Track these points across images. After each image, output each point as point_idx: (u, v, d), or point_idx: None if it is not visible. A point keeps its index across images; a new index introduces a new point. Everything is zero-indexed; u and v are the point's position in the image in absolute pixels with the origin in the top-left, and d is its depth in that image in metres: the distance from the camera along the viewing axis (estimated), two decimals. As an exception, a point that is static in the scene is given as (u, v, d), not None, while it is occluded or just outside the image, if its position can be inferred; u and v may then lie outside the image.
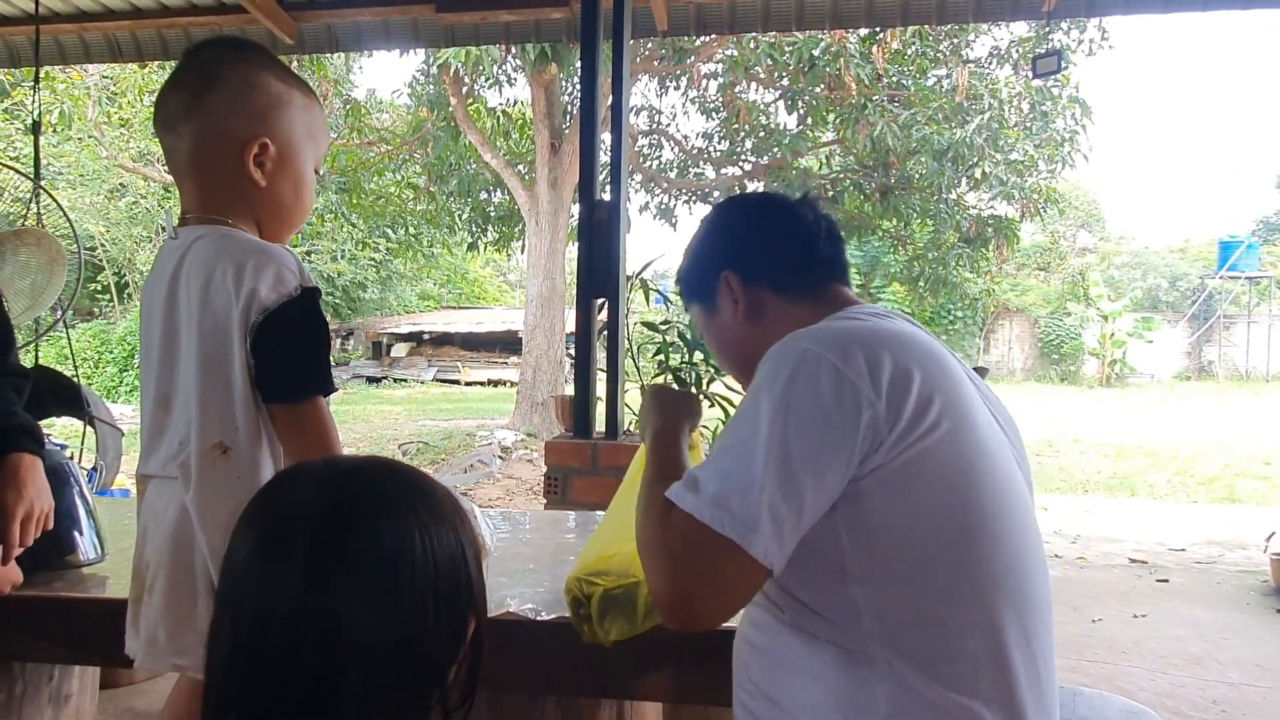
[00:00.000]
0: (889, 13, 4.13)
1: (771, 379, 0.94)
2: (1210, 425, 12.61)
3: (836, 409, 0.90)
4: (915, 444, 0.91)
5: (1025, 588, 0.95)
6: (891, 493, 0.91)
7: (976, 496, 0.93)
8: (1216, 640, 3.77)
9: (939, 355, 0.99)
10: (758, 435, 0.91)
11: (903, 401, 0.91)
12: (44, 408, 3.21)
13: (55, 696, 1.82)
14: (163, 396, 1.27)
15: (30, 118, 4.65)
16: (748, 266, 1.16)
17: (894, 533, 0.91)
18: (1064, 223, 26.06)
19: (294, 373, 1.22)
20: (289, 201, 1.33)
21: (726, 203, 1.28)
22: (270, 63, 1.30)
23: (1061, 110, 10.24)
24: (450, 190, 12.20)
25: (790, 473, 0.88)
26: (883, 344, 0.95)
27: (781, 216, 1.19)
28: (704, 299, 1.22)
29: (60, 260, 2.92)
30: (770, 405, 0.92)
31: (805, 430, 0.90)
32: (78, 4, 4.26)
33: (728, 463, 0.91)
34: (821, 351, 0.94)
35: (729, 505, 0.88)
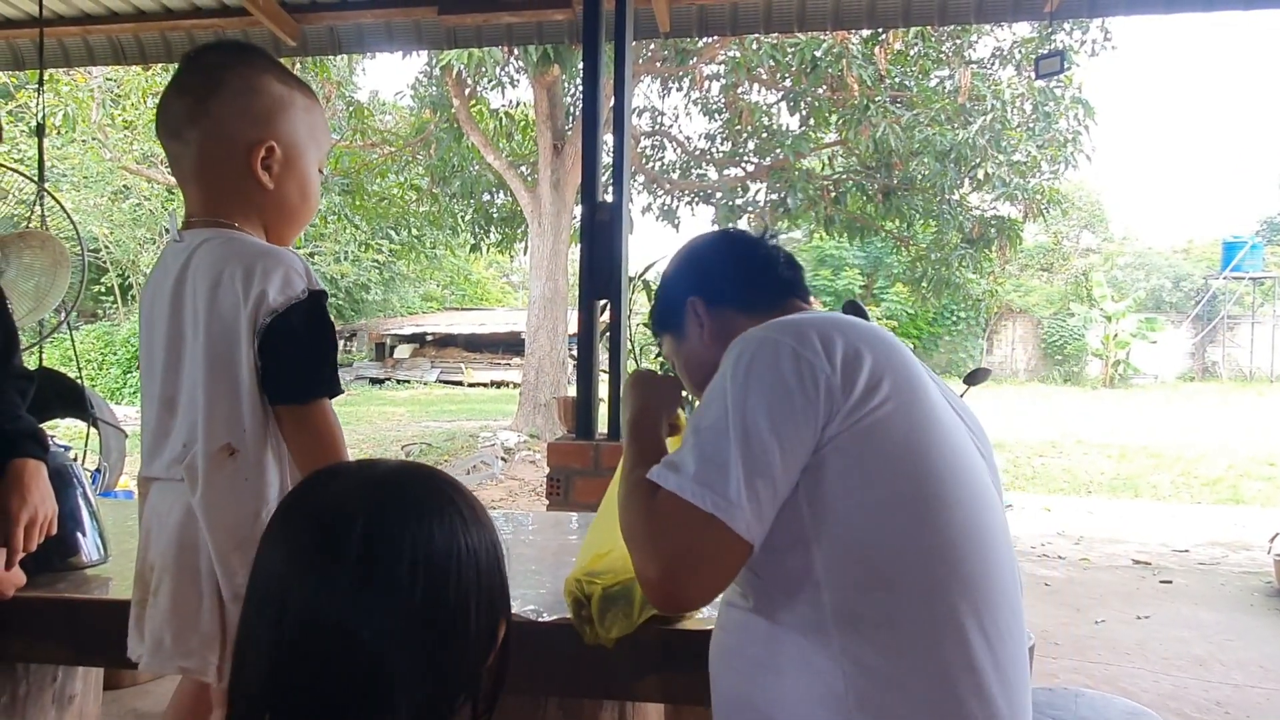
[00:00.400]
0: (891, 14, 4.13)
1: (734, 365, 0.99)
2: (1214, 426, 12.58)
3: (796, 382, 0.95)
4: (868, 414, 0.95)
5: (980, 555, 0.97)
6: (847, 460, 0.94)
7: (929, 467, 0.96)
8: (1220, 642, 3.77)
9: (892, 343, 1.04)
10: (727, 416, 0.95)
11: (855, 375, 0.96)
12: (48, 409, 3.22)
13: (59, 697, 1.82)
14: (167, 399, 1.27)
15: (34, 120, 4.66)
16: (711, 291, 1.24)
17: (850, 499, 0.94)
18: (1067, 223, 26.02)
19: (301, 375, 1.23)
20: (295, 203, 1.34)
21: (690, 242, 1.35)
22: (271, 66, 1.31)
23: (1064, 111, 10.22)
24: (453, 192, 12.21)
25: (761, 447, 0.92)
26: (835, 327, 1.01)
27: (741, 246, 1.27)
28: (673, 328, 1.28)
29: (64, 262, 2.93)
30: (735, 387, 0.97)
31: (770, 406, 0.94)
32: (81, 7, 4.27)
33: (702, 444, 0.95)
34: (778, 336, 0.99)
35: (710, 482, 0.91)
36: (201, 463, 1.22)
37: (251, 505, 1.23)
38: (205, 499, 1.22)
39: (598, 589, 1.31)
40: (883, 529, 0.94)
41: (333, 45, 4.57)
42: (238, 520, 1.23)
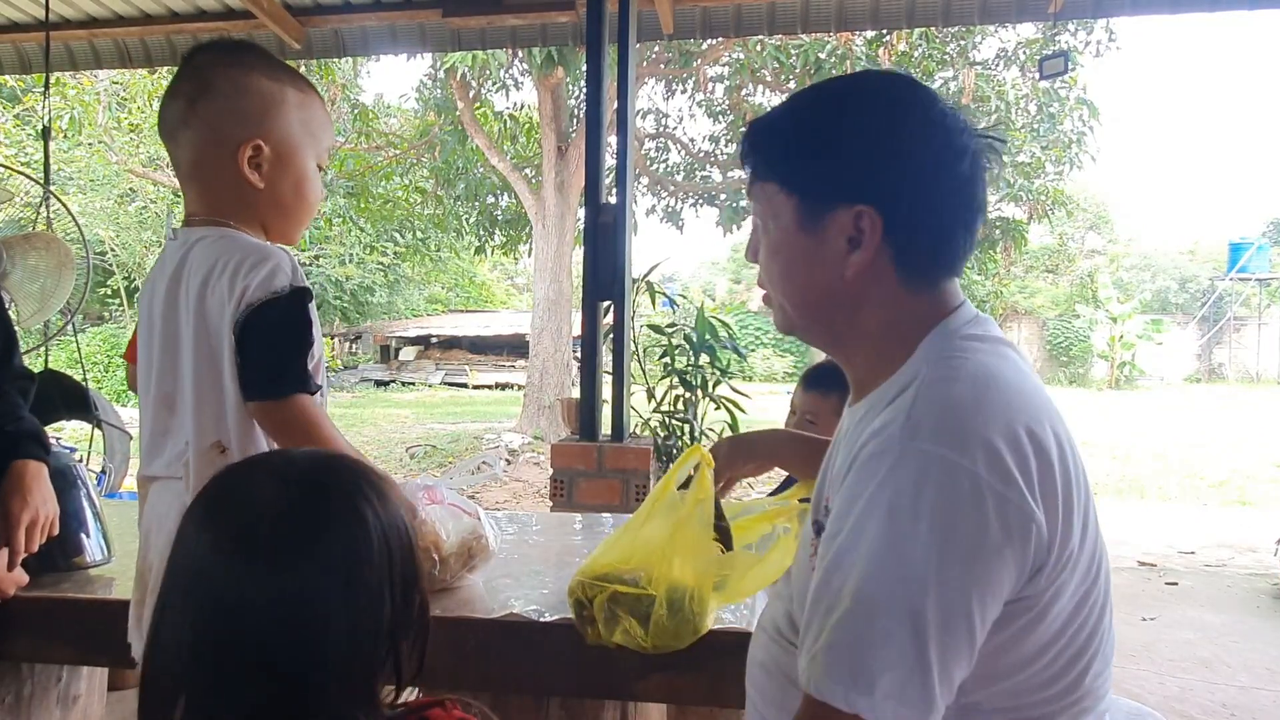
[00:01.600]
0: (894, 15, 4.13)
1: (908, 504, 0.76)
2: (1220, 428, 12.54)
3: (1003, 538, 0.75)
4: (1065, 565, 0.79)
5: (1108, 649, 0.88)
6: (1027, 622, 0.79)
7: (1088, 612, 0.83)
8: (1226, 644, 3.75)
9: (1048, 403, 0.85)
10: (911, 587, 0.74)
11: (1055, 507, 0.78)
12: (53, 411, 3.23)
13: (63, 697, 1.82)
14: (165, 396, 1.28)
15: (41, 123, 4.68)
16: (896, 218, 0.87)
17: (1014, 655, 0.80)
18: (1072, 225, 25.96)
19: (270, 369, 1.21)
20: (290, 200, 1.32)
21: (916, 98, 0.90)
22: (261, 62, 1.30)
23: (1069, 112, 10.21)
24: (457, 194, 12.23)
25: (965, 632, 0.75)
26: (1019, 420, 0.79)
27: (967, 183, 0.89)
28: (810, 204, 0.90)
29: (69, 264, 2.94)
30: (920, 547, 0.74)
31: (974, 575, 0.75)
32: (88, 10, 4.29)
33: (886, 632, 0.74)
34: (965, 463, 0.75)
35: (910, 700, 0.73)
36: (193, 461, 1.23)
37: None
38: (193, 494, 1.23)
39: (603, 594, 1.28)
40: (1035, 676, 0.82)
41: (337, 48, 4.58)
42: None
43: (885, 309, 0.90)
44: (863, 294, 0.90)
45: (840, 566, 0.78)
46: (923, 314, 0.90)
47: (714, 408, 4.27)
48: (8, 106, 13.10)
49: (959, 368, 0.84)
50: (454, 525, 1.54)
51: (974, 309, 0.93)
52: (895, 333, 0.91)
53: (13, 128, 13.20)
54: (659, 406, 4.25)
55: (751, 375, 18.97)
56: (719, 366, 4.30)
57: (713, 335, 4.25)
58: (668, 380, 4.29)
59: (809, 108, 0.93)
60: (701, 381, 4.25)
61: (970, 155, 0.89)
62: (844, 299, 0.91)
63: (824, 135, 0.90)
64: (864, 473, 0.80)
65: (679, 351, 4.28)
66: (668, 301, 5.12)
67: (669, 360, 4.30)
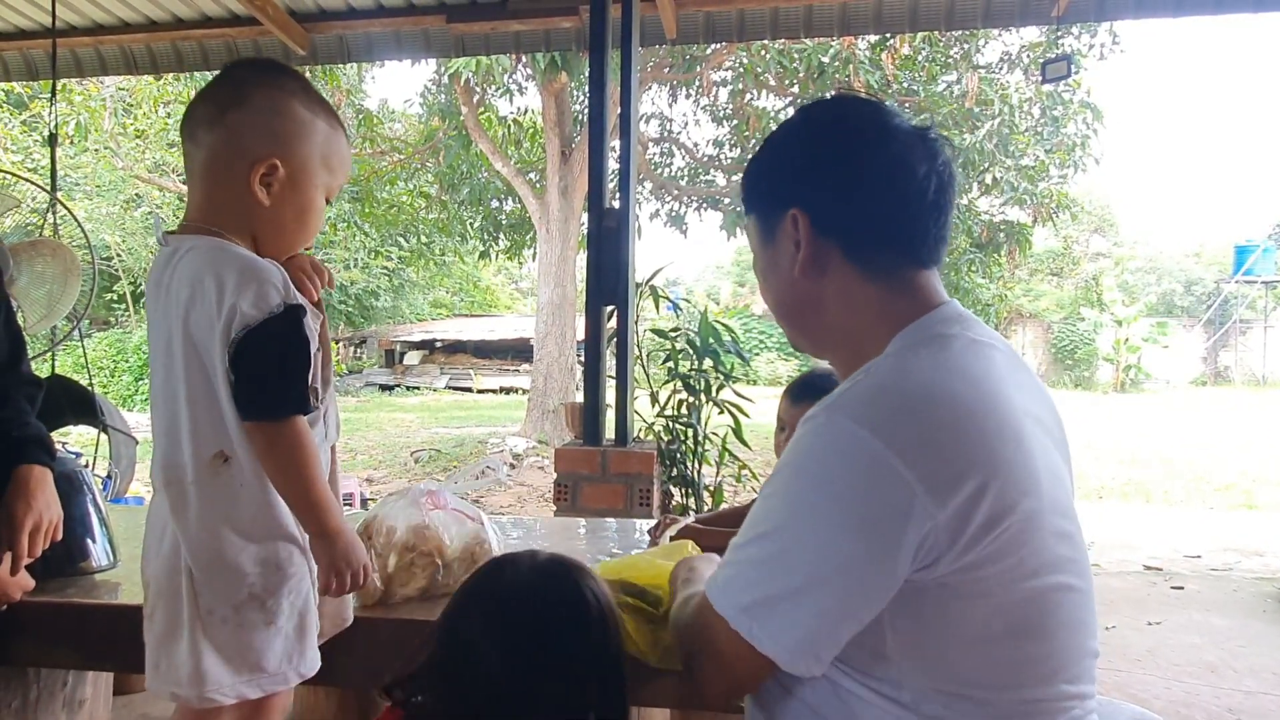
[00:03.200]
0: (898, 19, 4.14)
1: (806, 465, 0.86)
2: (1227, 431, 12.50)
3: (876, 512, 0.81)
4: (977, 554, 0.82)
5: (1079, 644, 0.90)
6: (947, 602, 0.84)
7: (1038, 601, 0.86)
8: (1232, 648, 3.74)
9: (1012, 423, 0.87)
10: (795, 540, 0.85)
11: (969, 512, 0.81)
12: (60, 416, 3.24)
13: (69, 702, 1.83)
14: (168, 403, 1.28)
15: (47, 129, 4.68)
16: (823, 214, 0.96)
17: (945, 638, 0.85)
18: (1077, 228, 25.94)
19: (270, 391, 1.21)
20: (290, 225, 1.33)
21: (829, 114, 1.03)
22: (300, 90, 1.32)
23: (1072, 115, 10.21)
24: (462, 199, 12.26)
25: (823, 585, 0.83)
26: (941, 406, 0.85)
27: (887, 163, 0.95)
28: (764, 221, 1.03)
29: (75, 270, 2.95)
30: (808, 503, 0.85)
31: (846, 540, 0.82)
32: (94, 17, 4.31)
33: (765, 563, 0.87)
34: (872, 440, 0.82)
35: (761, 615, 0.85)
36: (197, 472, 1.22)
37: (251, 507, 1.24)
38: (203, 507, 1.22)
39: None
40: (991, 670, 0.85)
41: (342, 54, 4.60)
42: (239, 525, 1.23)
43: (848, 301, 0.97)
44: (820, 290, 0.98)
45: (759, 508, 0.90)
46: (894, 307, 0.95)
47: (718, 412, 4.26)
48: (14, 113, 13.16)
49: (909, 364, 0.90)
50: (457, 530, 1.55)
51: (957, 310, 0.96)
52: (867, 325, 0.96)
53: (19, 134, 13.27)
54: (663, 411, 4.26)
55: (755, 379, 18.96)
56: (723, 371, 4.30)
57: (716, 339, 4.26)
58: (671, 384, 4.29)
59: (761, 145, 1.06)
60: (705, 386, 4.25)
61: (896, 143, 0.95)
62: (806, 297, 1.00)
63: (766, 160, 1.04)
64: (796, 437, 0.89)
65: (683, 356, 4.28)
66: (671, 306, 5.12)
67: (673, 364, 4.30)
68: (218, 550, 1.22)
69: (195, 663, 1.21)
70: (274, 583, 1.25)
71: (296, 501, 1.25)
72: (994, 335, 0.97)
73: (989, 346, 0.94)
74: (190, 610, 1.22)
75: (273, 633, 1.24)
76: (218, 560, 1.22)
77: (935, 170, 0.95)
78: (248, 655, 1.23)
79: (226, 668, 1.22)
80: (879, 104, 1.01)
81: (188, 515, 1.23)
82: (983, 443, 0.84)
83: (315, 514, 1.24)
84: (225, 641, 1.22)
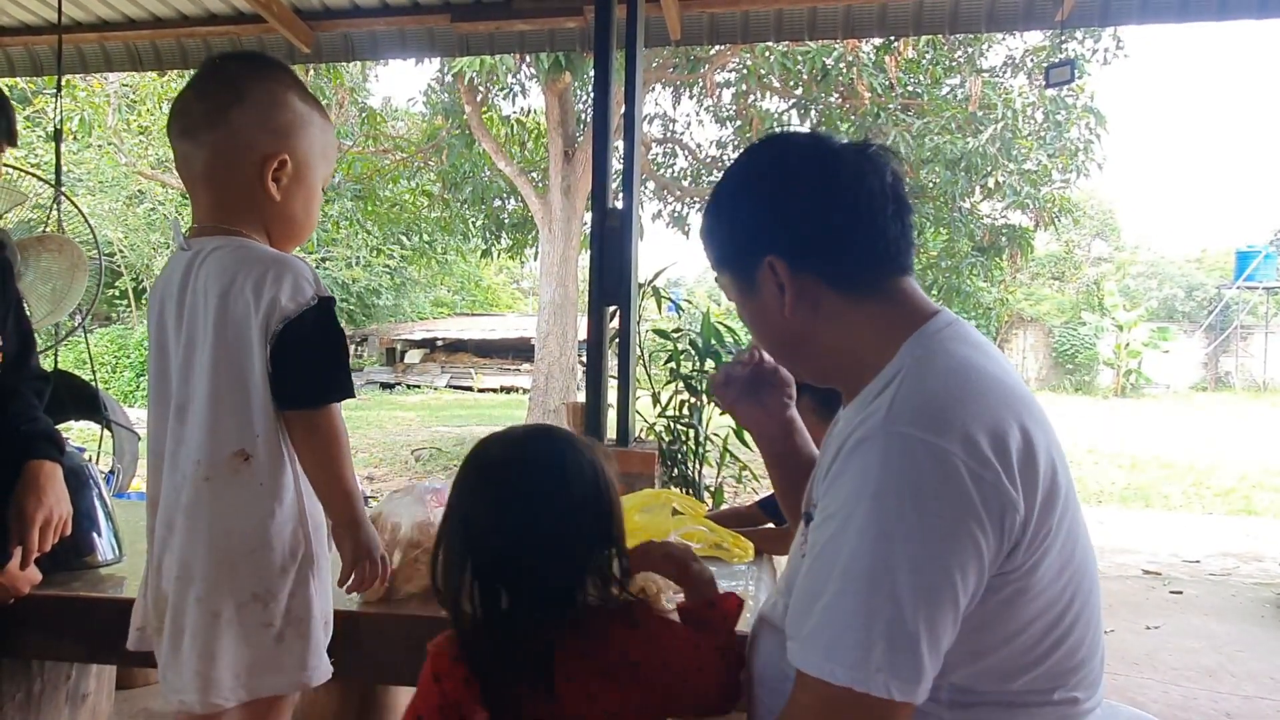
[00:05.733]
0: (902, 22, 4.14)
1: (892, 490, 0.81)
2: (1227, 437, 12.50)
3: (984, 514, 0.80)
4: (1041, 544, 0.84)
5: (1094, 638, 0.93)
6: (1005, 599, 0.84)
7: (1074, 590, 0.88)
8: (1230, 653, 3.74)
9: (1036, 406, 0.91)
10: (897, 567, 0.79)
11: (1035, 490, 0.83)
12: (63, 411, 3.25)
13: (73, 695, 1.84)
14: (180, 408, 1.27)
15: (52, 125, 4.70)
16: (797, 252, 0.98)
17: (996, 633, 0.85)
18: (1079, 232, 25.93)
19: (315, 379, 1.25)
20: (300, 217, 1.36)
21: (770, 155, 1.04)
22: (294, 83, 1.34)
23: (1075, 119, 10.20)
24: (464, 198, 12.26)
25: (950, 606, 0.80)
26: (997, 407, 0.85)
27: (842, 189, 0.97)
28: (741, 275, 1.04)
29: (81, 265, 2.96)
30: (901, 525, 0.80)
31: (954, 551, 0.79)
32: (99, 14, 4.32)
33: (872, 609, 0.79)
34: (943, 444, 0.81)
35: (898, 668, 0.78)
36: (214, 470, 1.22)
37: (265, 509, 1.24)
38: (217, 506, 1.22)
39: None
40: (1020, 654, 0.87)
41: (346, 52, 4.60)
42: (250, 525, 1.23)
43: (841, 324, 0.99)
44: (813, 323, 1.00)
45: (831, 552, 0.84)
46: (889, 319, 0.98)
47: (719, 413, 4.27)
48: (19, 108, 13.14)
49: (938, 363, 0.91)
50: (461, 527, 1.55)
51: (951, 315, 1.00)
52: (866, 341, 0.98)
53: (23, 129, 13.26)
54: (664, 411, 4.26)
55: (756, 380, 18.93)
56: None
57: (718, 340, 4.27)
58: (673, 385, 4.30)
59: (711, 200, 1.08)
60: (706, 387, 4.27)
61: (843, 166, 0.98)
62: (800, 334, 1.02)
63: (723, 217, 1.06)
64: (850, 461, 0.86)
65: (684, 356, 4.29)
66: (673, 306, 5.13)
67: (674, 365, 4.31)
68: (226, 550, 1.22)
69: (200, 668, 1.20)
70: (278, 585, 1.25)
71: (330, 489, 1.27)
72: (985, 338, 1.02)
73: (990, 345, 0.99)
74: (195, 614, 1.22)
75: (275, 635, 1.24)
76: (225, 561, 1.22)
77: (886, 183, 0.98)
78: (252, 659, 1.23)
79: (230, 672, 1.21)
80: (814, 133, 1.07)
81: (199, 514, 1.23)
82: (1024, 402, 0.88)
83: (347, 503, 1.28)
84: (229, 645, 1.22)
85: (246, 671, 1.22)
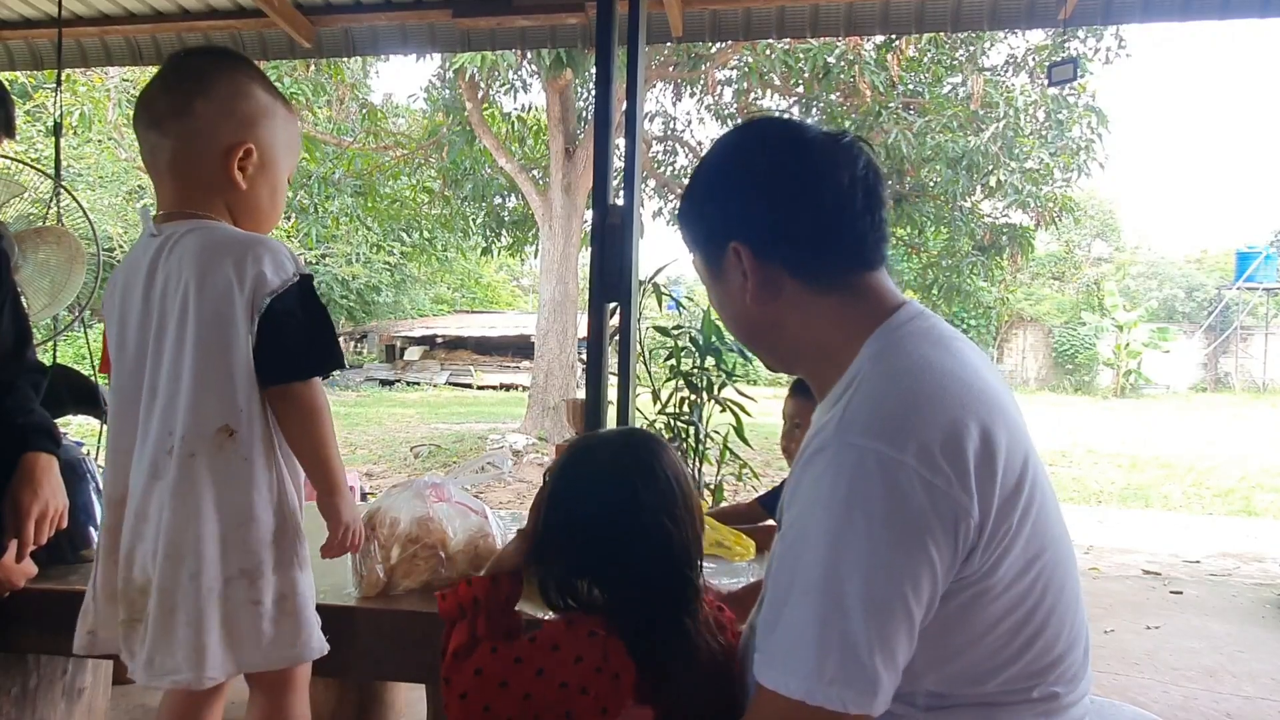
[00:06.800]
0: (904, 20, 4.13)
1: (842, 502, 0.81)
2: (1226, 437, 12.50)
3: (936, 524, 0.80)
4: (998, 548, 0.83)
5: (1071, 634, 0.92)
6: (965, 603, 0.84)
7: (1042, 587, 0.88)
8: (1231, 653, 3.74)
9: (1006, 401, 0.91)
10: (845, 578, 0.79)
11: (990, 497, 0.82)
12: (61, 406, 3.23)
13: (69, 690, 1.83)
14: (151, 390, 1.28)
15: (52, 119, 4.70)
16: (760, 240, 0.97)
17: (961, 636, 0.86)
18: (1079, 232, 25.92)
19: (301, 353, 1.27)
20: (265, 206, 1.37)
21: (745, 141, 1.05)
22: (258, 75, 1.36)
23: (1077, 118, 10.19)
24: (465, 194, 12.25)
25: (904, 616, 0.80)
26: (954, 411, 0.84)
27: (809, 179, 0.96)
28: (708, 257, 1.04)
29: (79, 259, 2.95)
30: (853, 536, 0.80)
31: (905, 563, 0.79)
32: (99, 8, 4.31)
33: (824, 621, 0.80)
34: (896, 455, 0.80)
35: (849, 679, 0.78)
36: (199, 446, 1.23)
37: (251, 483, 1.26)
38: (204, 482, 1.23)
39: None
40: (990, 655, 0.87)
41: (347, 47, 4.59)
42: (237, 500, 1.24)
43: (805, 315, 0.99)
44: (776, 312, 0.99)
45: (788, 563, 0.85)
46: (853, 314, 0.97)
47: (719, 410, 4.27)
48: (19, 103, 13.13)
49: (895, 363, 0.90)
50: (461, 524, 1.55)
51: (919, 307, 0.99)
52: (830, 335, 0.97)
53: (23, 123, 13.26)
54: (664, 408, 4.26)
55: (756, 379, 18.95)
56: (724, 369, 4.30)
57: (719, 338, 4.26)
58: (673, 382, 4.30)
59: (689, 183, 1.07)
60: (707, 384, 4.26)
61: (813, 156, 0.97)
62: (763, 321, 1.01)
63: (695, 199, 1.05)
64: (806, 471, 0.87)
65: (685, 354, 4.28)
66: (674, 304, 5.12)
67: (675, 362, 4.30)
68: (214, 525, 1.23)
69: (195, 644, 1.21)
70: (265, 561, 1.26)
71: (313, 459, 1.29)
72: (955, 330, 1.00)
73: (955, 338, 0.97)
74: (189, 591, 1.22)
75: (263, 611, 1.25)
76: (213, 536, 1.23)
77: (857, 175, 0.96)
78: (240, 634, 1.24)
79: (221, 646, 1.22)
80: (790, 121, 1.05)
81: (187, 490, 1.23)
82: (983, 399, 0.87)
83: (329, 472, 1.30)
84: (218, 620, 1.23)
85: (235, 646, 1.23)
